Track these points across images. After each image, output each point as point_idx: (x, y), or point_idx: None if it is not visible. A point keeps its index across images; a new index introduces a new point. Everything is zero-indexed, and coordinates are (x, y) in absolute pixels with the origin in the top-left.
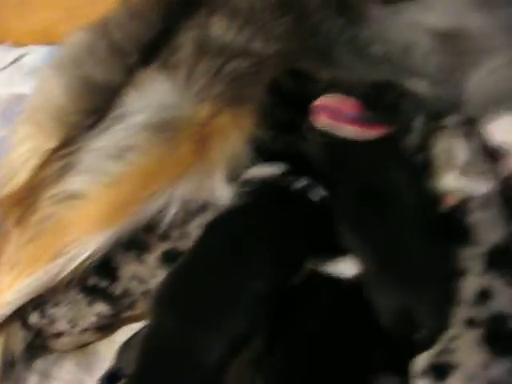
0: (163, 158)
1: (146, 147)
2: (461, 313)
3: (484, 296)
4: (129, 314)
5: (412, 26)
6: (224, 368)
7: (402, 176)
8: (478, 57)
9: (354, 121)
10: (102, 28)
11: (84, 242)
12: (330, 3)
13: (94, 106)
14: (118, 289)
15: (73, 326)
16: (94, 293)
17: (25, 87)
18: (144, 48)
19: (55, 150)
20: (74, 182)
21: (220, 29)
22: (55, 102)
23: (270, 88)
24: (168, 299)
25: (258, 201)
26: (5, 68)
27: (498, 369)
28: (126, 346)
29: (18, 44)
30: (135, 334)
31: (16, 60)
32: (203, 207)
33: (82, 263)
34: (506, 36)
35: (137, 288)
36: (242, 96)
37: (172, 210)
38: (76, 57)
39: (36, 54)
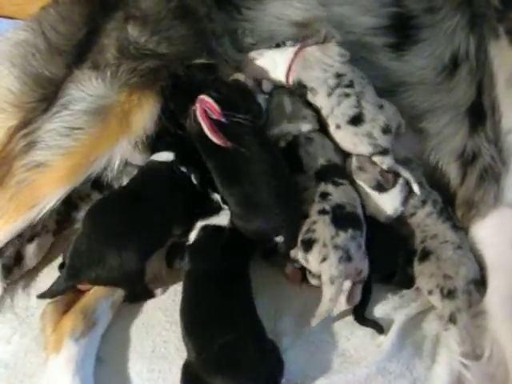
0: (100, 132)
1: (87, 126)
2: (315, 207)
3: (324, 195)
4: None
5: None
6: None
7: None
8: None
9: (211, 125)
10: (37, 27)
11: (50, 196)
12: (212, 4)
13: (44, 95)
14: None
15: None
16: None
17: None
18: (76, 48)
19: (17, 128)
20: (39, 155)
21: (135, 33)
22: (13, 91)
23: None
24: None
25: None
26: None
27: (341, 237)
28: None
29: None
30: None
31: None
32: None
33: (48, 210)
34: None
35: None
36: (150, 86)
37: (114, 167)
38: (21, 53)
39: None
